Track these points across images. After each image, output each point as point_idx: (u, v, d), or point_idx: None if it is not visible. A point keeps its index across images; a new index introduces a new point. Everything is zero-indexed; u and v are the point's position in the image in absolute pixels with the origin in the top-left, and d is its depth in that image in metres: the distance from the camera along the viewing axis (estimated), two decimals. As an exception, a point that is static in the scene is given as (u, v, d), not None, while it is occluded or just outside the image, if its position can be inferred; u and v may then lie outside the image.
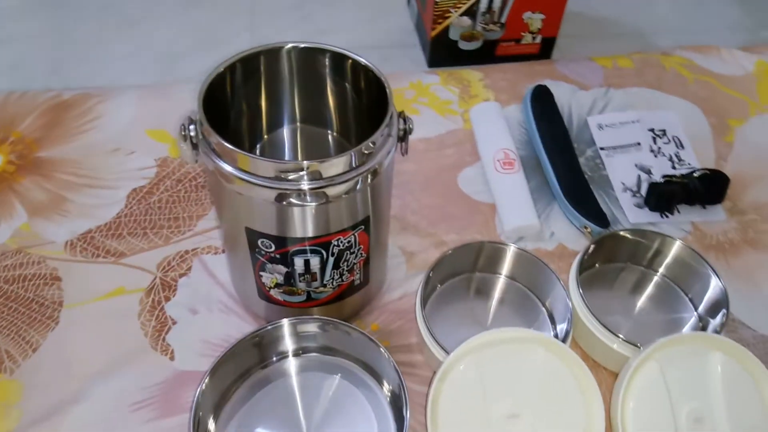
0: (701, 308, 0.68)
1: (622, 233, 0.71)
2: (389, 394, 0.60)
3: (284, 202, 0.52)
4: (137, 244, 0.73)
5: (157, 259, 0.72)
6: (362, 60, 0.59)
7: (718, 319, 0.64)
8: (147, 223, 0.75)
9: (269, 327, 0.60)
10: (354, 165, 0.53)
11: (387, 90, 0.56)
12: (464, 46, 1.06)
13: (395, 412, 0.59)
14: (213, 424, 0.58)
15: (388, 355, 0.58)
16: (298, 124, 0.67)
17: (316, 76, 0.62)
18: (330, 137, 0.66)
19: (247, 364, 0.61)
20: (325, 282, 0.61)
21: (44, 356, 0.64)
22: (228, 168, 0.52)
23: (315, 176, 0.52)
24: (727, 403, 0.57)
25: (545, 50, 1.09)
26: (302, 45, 0.60)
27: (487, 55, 1.07)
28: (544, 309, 0.68)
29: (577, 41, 1.13)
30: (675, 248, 0.70)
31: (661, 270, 0.72)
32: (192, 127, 0.54)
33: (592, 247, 0.68)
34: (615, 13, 1.21)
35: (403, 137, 0.58)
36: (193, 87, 0.84)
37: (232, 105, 0.61)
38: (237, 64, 0.57)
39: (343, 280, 0.62)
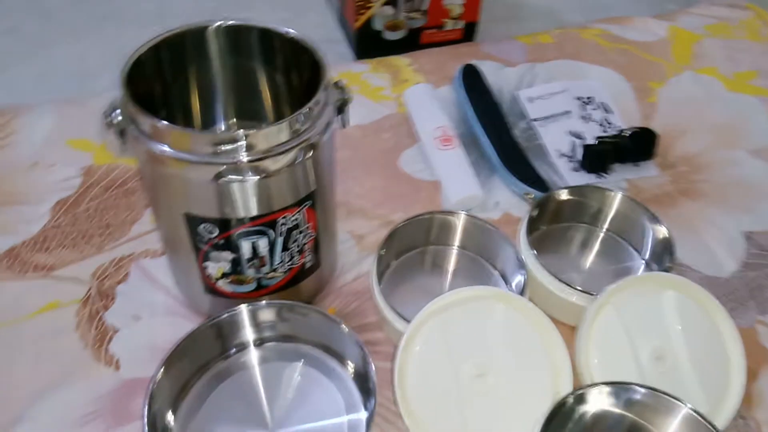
0: (647, 255, 0.69)
1: (562, 193, 0.71)
2: (353, 372, 0.58)
3: (223, 180, 0.50)
4: (68, 256, 0.69)
5: (91, 269, 0.68)
6: (291, 32, 0.57)
7: (666, 260, 0.65)
8: (76, 234, 0.71)
9: (225, 315, 0.57)
10: (292, 135, 0.51)
11: (319, 58, 0.55)
12: (389, 36, 1.07)
13: (362, 391, 0.57)
14: (172, 419, 0.54)
15: (348, 329, 0.56)
16: (235, 120, 0.65)
17: (247, 63, 0.60)
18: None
19: (205, 357, 0.58)
20: (275, 266, 0.59)
21: (-25, 382, 0.59)
22: (161, 148, 0.49)
23: (252, 148, 0.50)
24: (685, 338, 0.58)
25: (468, 35, 1.11)
26: (229, 22, 0.58)
27: (412, 43, 1.08)
28: (496, 272, 0.68)
29: (496, 24, 1.15)
30: (615, 201, 0.71)
31: (605, 225, 0.73)
32: (117, 112, 0.51)
33: (537, 209, 0.68)
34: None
35: (342, 108, 0.57)
36: (113, 95, 0.80)
37: (161, 101, 0.58)
38: (162, 44, 0.55)
39: (294, 263, 0.60)
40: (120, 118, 0.51)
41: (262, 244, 0.56)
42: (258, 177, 0.51)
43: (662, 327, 0.59)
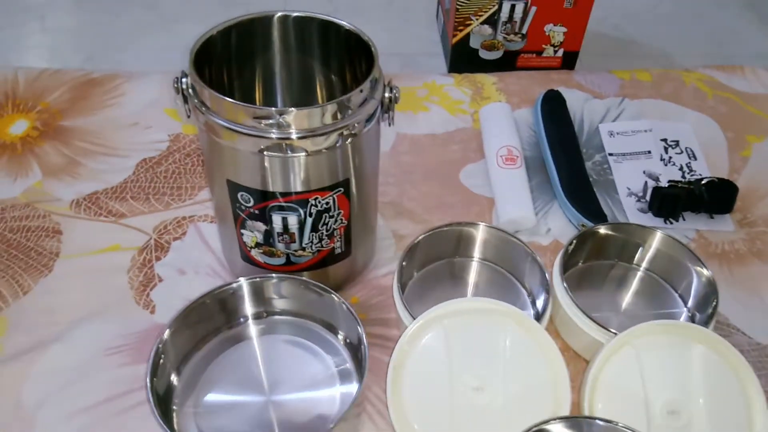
0: (691, 303, 0.66)
1: (603, 228, 0.69)
2: (347, 343, 0.61)
3: (263, 152, 0.54)
4: (138, 208, 0.76)
5: (155, 222, 0.74)
6: (347, 25, 0.60)
7: (708, 311, 0.61)
8: (150, 190, 0.78)
9: (226, 287, 0.61)
10: (332, 119, 0.54)
11: (373, 51, 0.58)
12: (485, 55, 1.07)
13: (356, 362, 0.59)
14: (176, 380, 0.59)
15: (340, 301, 0.59)
16: (292, 100, 0.69)
17: (307, 54, 0.64)
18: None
19: (207, 327, 0.62)
20: (303, 245, 0.62)
21: (33, 299, 0.66)
22: (214, 119, 0.54)
23: (293, 126, 0.53)
24: (706, 398, 0.54)
25: (567, 64, 1.09)
26: (294, 14, 0.62)
27: (507, 65, 1.08)
28: (524, 290, 0.67)
29: (600, 58, 1.12)
30: (660, 242, 0.68)
31: (648, 266, 0.70)
32: (185, 80, 0.57)
33: (575, 241, 0.66)
34: (644, 34, 1.21)
35: (389, 106, 0.59)
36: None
37: (225, 73, 0.63)
38: (231, 29, 0.60)
39: (322, 246, 0.63)
40: (185, 86, 0.57)
41: (292, 221, 0.59)
42: (295, 155, 0.54)
43: (683, 381, 0.55)
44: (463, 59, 1.08)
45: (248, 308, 0.63)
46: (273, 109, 0.53)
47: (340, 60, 0.65)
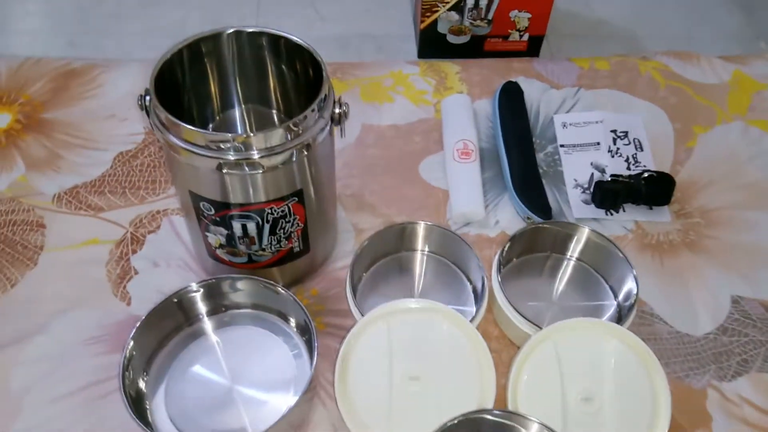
0: (620, 296, 0.72)
1: (540, 225, 0.75)
2: (297, 328, 0.69)
3: (221, 169, 0.59)
4: (115, 202, 0.81)
5: (131, 216, 0.80)
6: (300, 42, 0.64)
7: (630, 302, 0.68)
8: (127, 184, 0.83)
9: (181, 291, 0.67)
10: (286, 139, 0.59)
11: (323, 72, 0.62)
12: (452, 39, 1.10)
13: (307, 345, 0.67)
14: (144, 384, 0.65)
15: (286, 292, 0.66)
16: (249, 105, 0.74)
17: (259, 60, 0.69)
18: (276, 117, 0.73)
19: (167, 328, 0.68)
20: (263, 246, 0.68)
21: (19, 292, 0.73)
22: (173, 139, 0.59)
23: (246, 148, 0.58)
24: (615, 388, 0.61)
25: (533, 48, 1.12)
26: (248, 30, 0.66)
27: (475, 49, 1.11)
28: (469, 285, 0.74)
29: (568, 40, 1.16)
30: (592, 237, 0.74)
31: (583, 258, 0.76)
32: (148, 98, 0.61)
33: (512, 239, 0.72)
34: (615, 15, 1.23)
35: (339, 120, 0.64)
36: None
37: (185, 88, 0.68)
38: (184, 49, 0.64)
39: (281, 247, 0.69)
40: (148, 103, 0.61)
41: (251, 227, 0.65)
42: (252, 172, 0.60)
43: (596, 371, 0.62)
44: (431, 44, 1.11)
45: (206, 306, 0.70)
46: (229, 135, 0.58)
47: (293, 71, 0.69)
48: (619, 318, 0.70)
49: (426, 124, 0.93)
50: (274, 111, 0.73)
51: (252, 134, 0.58)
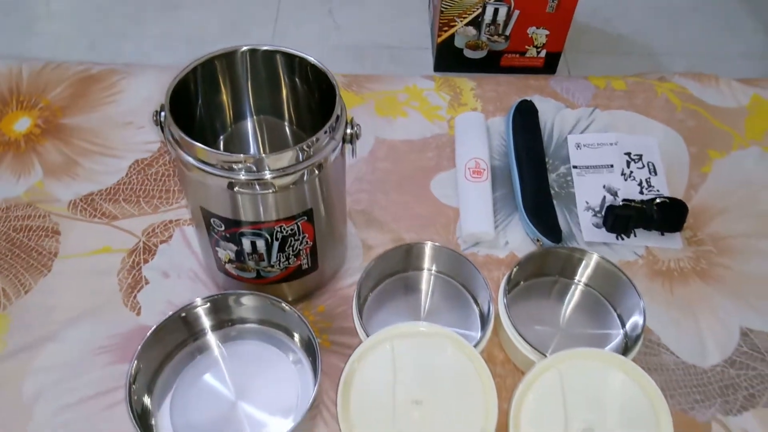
0: (628, 326, 0.72)
1: (549, 250, 0.75)
2: (301, 344, 0.69)
3: (232, 189, 0.60)
4: (129, 210, 0.83)
5: (144, 225, 0.81)
6: (315, 62, 0.65)
7: (637, 333, 0.68)
8: (141, 192, 0.84)
9: (186, 306, 0.68)
10: (297, 160, 0.59)
11: (336, 93, 0.62)
12: (469, 54, 1.11)
13: (311, 360, 0.67)
14: (149, 401, 0.66)
15: (290, 309, 0.67)
16: (261, 116, 0.74)
17: (273, 74, 0.69)
18: (288, 129, 0.73)
19: (172, 344, 0.68)
20: (272, 263, 0.68)
21: (33, 298, 0.74)
22: (186, 157, 0.60)
23: (257, 168, 0.59)
24: (618, 421, 0.61)
25: (550, 64, 1.12)
26: (263, 48, 0.67)
27: (491, 64, 1.12)
28: (476, 308, 0.74)
29: (586, 56, 1.15)
30: (599, 263, 0.74)
31: (592, 284, 0.76)
32: (163, 114, 0.62)
33: (521, 263, 0.72)
34: (635, 31, 1.23)
35: (350, 140, 0.65)
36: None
37: (198, 101, 0.68)
38: (199, 67, 0.65)
39: (290, 263, 0.69)
40: (163, 119, 0.62)
41: (260, 244, 0.66)
42: (264, 191, 0.60)
43: (599, 403, 0.62)
44: (448, 58, 1.11)
45: (212, 320, 0.70)
46: (241, 156, 0.58)
47: (306, 85, 0.69)
48: (626, 348, 0.70)
49: (439, 140, 0.93)
50: (286, 123, 0.74)
51: (264, 155, 0.59)
